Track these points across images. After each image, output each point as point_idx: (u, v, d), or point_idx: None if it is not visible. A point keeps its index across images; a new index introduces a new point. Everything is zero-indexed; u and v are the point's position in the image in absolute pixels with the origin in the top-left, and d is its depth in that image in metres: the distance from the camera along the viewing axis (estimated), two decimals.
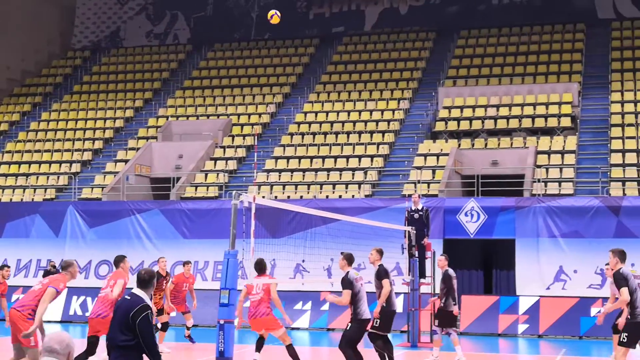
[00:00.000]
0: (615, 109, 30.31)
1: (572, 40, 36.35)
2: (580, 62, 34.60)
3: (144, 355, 8.96)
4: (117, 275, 13.69)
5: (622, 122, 29.32)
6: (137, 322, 8.69)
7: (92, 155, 32.53)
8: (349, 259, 13.23)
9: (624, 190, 25.63)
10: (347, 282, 12.92)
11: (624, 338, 12.94)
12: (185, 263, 19.70)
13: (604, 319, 15.74)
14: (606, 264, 17.00)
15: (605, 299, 21.95)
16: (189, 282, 19.52)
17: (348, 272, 13.00)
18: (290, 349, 14.66)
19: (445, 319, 16.76)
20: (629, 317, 12.86)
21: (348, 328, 13.22)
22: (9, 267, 16.90)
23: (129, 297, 8.99)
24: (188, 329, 19.96)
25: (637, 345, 12.96)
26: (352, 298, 12.95)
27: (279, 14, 19.58)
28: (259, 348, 15.37)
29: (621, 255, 12.90)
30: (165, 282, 18.28)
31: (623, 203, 23.91)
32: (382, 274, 14.37)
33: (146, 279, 9.08)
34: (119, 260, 12.84)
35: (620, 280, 12.59)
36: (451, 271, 17.06)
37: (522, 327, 23.12)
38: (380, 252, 14.79)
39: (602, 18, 37.52)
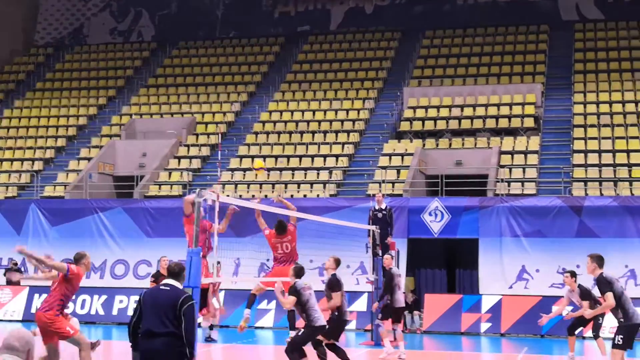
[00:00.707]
0: (578, 110, 30.58)
1: (535, 41, 36.62)
2: (543, 64, 34.88)
3: None
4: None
5: (585, 123, 29.61)
6: (183, 311, 8.98)
7: (55, 153, 32.38)
8: (297, 273, 13.10)
9: (585, 190, 25.92)
10: (293, 291, 12.89)
11: (619, 340, 12.94)
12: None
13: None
14: (566, 272, 17.19)
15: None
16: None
17: (296, 281, 12.93)
18: None
19: (392, 314, 17.36)
20: (622, 320, 12.82)
21: (299, 333, 13.22)
22: None
23: (167, 288, 9.26)
24: None
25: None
26: (302, 307, 12.91)
27: (264, 169, 19.97)
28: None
29: (599, 261, 12.83)
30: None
31: (585, 203, 24.17)
32: (333, 284, 14.17)
33: (176, 271, 9.42)
34: (80, 257, 12.60)
35: (604, 285, 12.57)
36: (395, 269, 17.59)
37: (484, 326, 23.19)
38: (337, 262, 14.62)
39: (565, 20, 37.69)
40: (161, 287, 9.48)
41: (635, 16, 36.83)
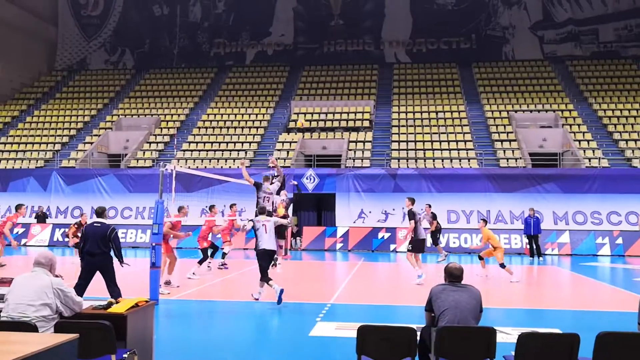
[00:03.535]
0: (395, 116, 31.08)
1: (370, 74, 36.81)
2: (375, 88, 35.12)
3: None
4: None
5: (399, 124, 30.15)
6: (112, 237, 9.11)
7: (69, 139, 31.74)
8: (260, 210, 11.37)
9: (398, 164, 26.40)
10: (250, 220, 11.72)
11: (409, 248, 14.03)
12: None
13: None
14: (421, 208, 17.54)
15: (388, 229, 23.84)
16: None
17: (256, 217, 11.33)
18: None
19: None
20: (413, 236, 13.87)
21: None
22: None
23: (99, 224, 9.18)
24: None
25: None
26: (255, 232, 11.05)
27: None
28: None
29: (412, 201, 14.05)
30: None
31: (398, 172, 24.80)
32: (410, 215, 13.72)
33: (100, 212, 9.53)
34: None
35: (412, 214, 13.73)
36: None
37: (339, 245, 23.81)
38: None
39: (388, 62, 38.39)
40: (94, 224, 9.28)
41: (429, 60, 37.80)
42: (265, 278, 10.88)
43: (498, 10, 38.78)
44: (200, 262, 14.78)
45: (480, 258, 15.43)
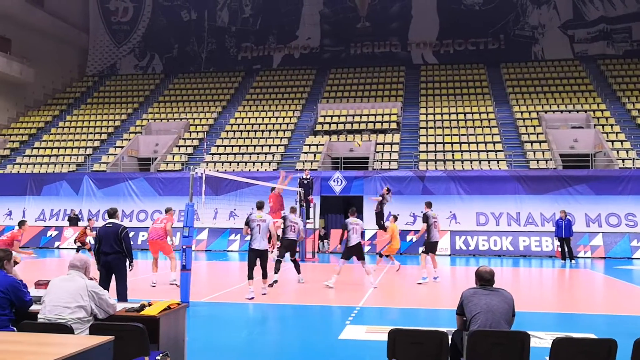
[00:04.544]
0: (422, 118, 30.73)
1: (397, 76, 36.57)
2: (402, 89, 34.81)
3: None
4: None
5: (427, 126, 29.80)
6: (123, 237, 9.32)
7: (100, 143, 32.17)
8: (258, 205, 11.98)
9: (427, 166, 26.13)
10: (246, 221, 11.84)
11: (424, 250, 14.64)
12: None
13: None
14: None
15: (416, 232, 23.21)
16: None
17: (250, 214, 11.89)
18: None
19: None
20: (426, 238, 14.41)
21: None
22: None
23: (111, 225, 9.45)
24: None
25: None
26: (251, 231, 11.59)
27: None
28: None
29: (428, 205, 14.56)
30: None
31: (426, 174, 24.59)
32: (424, 217, 14.41)
33: (112, 213, 9.75)
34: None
35: (424, 217, 14.33)
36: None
37: (366, 248, 22.62)
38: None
39: (415, 63, 38.12)
40: (107, 225, 9.50)
41: (456, 61, 37.52)
42: (249, 275, 11.52)
43: (527, 10, 38.28)
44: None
45: (380, 256, 16.78)
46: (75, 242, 20.36)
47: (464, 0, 38.62)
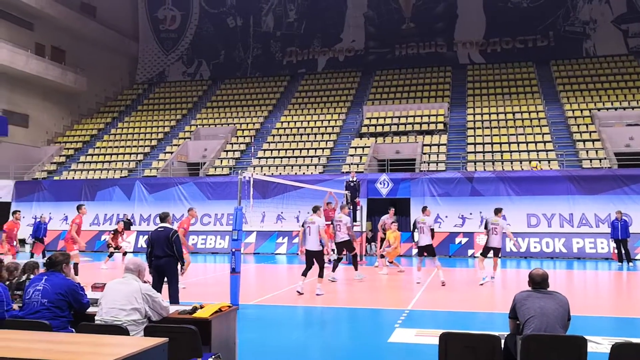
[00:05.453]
0: (470, 119, 30.39)
1: (444, 76, 36.28)
2: (449, 90, 34.46)
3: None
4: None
5: (474, 126, 29.47)
6: (173, 240, 9.39)
7: (150, 149, 32.67)
8: (312, 209, 12.86)
9: (475, 167, 25.91)
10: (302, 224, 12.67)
11: (483, 252, 14.63)
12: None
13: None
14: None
15: (465, 234, 23.20)
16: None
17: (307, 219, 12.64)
18: None
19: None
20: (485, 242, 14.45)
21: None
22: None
23: (162, 229, 9.48)
24: None
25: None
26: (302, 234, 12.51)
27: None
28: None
29: (497, 210, 14.61)
30: None
31: (475, 175, 24.26)
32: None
33: (163, 217, 9.80)
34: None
35: (485, 224, 14.54)
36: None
37: (414, 250, 21.97)
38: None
39: (461, 63, 37.68)
40: (159, 229, 9.56)
41: (504, 60, 36.91)
42: (304, 273, 12.33)
43: (577, 5, 37.24)
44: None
45: (382, 257, 16.99)
46: (107, 246, 20.81)
47: None
